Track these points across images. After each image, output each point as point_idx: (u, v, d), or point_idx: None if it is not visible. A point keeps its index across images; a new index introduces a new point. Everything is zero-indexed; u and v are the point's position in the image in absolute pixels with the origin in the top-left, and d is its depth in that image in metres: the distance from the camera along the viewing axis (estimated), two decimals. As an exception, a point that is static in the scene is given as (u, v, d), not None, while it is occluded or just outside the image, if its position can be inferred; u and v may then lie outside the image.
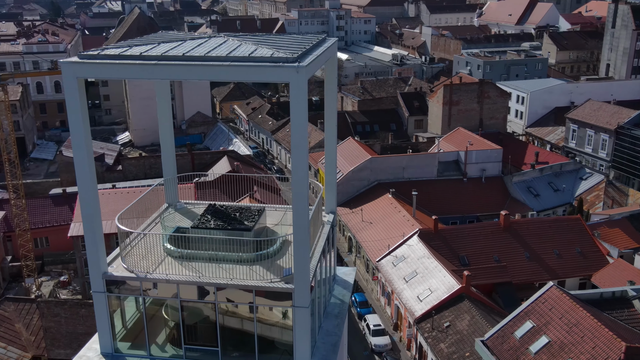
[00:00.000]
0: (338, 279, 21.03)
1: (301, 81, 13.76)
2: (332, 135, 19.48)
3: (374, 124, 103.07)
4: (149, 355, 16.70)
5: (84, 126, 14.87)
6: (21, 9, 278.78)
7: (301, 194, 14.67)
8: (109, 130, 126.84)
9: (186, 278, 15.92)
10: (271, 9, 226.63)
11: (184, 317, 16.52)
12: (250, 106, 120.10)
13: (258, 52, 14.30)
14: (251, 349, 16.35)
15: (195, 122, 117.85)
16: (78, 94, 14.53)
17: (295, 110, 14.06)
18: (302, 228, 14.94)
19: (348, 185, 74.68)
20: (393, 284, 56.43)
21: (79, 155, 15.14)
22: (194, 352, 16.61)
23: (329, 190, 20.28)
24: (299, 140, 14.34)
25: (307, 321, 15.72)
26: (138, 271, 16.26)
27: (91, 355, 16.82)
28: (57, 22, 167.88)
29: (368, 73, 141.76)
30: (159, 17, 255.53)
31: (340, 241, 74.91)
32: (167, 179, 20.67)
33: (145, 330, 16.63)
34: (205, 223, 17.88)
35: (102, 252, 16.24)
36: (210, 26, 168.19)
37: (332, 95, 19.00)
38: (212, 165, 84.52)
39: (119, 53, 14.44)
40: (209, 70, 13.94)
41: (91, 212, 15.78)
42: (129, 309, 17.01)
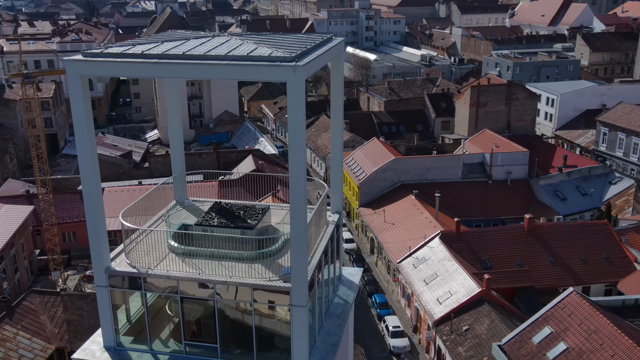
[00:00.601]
0: (344, 279, 21.00)
1: (298, 80, 13.79)
2: (339, 135, 19.48)
3: (400, 124, 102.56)
4: (150, 350, 16.92)
5: (87, 123, 15.15)
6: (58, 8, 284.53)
7: (298, 193, 14.71)
8: (139, 128, 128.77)
9: (186, 274, 16.09)
10: (301, 9, 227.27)
11: (184, 313, 16.70)
12: (278, 105, 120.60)
13: (257, 52, 14.38)
14: (251, 346, 16.45)
15: (223, 120, 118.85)
16: (82, 91, 14.80)
17: (292, 109, 14.11)
18: (299, 227, 14.98)
19: (371, 185, 74.48)
20: (413, 286, 56.10)
21: (82, 152, 15.43)
22: (194, 348, 16.78)
23: (335, 190, 20.27)
24: (296, 139, 14.39)
25: (305, 320, 15.74)
26: (140, 267, 16.48)
27: (94, 349, 17.12)
28: (91, 21, 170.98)
29: (396, 74, 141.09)
30: (190, 16, 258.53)
31: (362, 242, 74.77)
32: (176, 176, 20.90)
33: (147, 325, 16.86)
34: (208, 220, 18.04)
35: (105, 247, 16.53)
36: (240, 26, 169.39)
37: (338, 95, 19.01)
38: (238, 164, 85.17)
39: (121, 51, 14.69)
40: (207, 68, 14.08)
41: (94, 207, 16.07)
42: (133, 304, 17.24)
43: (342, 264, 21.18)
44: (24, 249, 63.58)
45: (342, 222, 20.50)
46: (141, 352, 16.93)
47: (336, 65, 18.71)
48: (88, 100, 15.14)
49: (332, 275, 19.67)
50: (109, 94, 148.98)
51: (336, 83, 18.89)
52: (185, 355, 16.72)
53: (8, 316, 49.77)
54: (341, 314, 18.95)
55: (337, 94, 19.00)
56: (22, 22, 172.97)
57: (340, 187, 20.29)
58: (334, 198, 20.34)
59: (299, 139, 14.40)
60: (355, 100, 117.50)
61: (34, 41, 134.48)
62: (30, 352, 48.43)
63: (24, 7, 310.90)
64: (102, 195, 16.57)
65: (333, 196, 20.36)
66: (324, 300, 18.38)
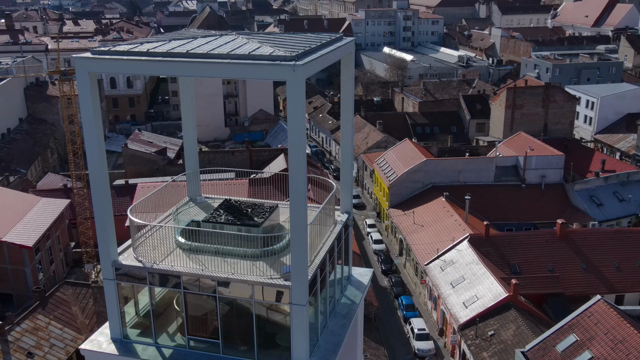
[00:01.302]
0: (353, 279, 20.95)
1: (298, 79, 13.83)
2: (349, 134, 19.45)
3: (434, 126, 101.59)
4: (155, 343, 17.21)
5: (95, 118, 15.50)
6: (103, 7, 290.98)
7: (298, 192, 14.75)
8: (175, 125, 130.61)
9: (189, 270, 16.31)
10: (340, 9, 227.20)
11: (188, 308, 16.93)
12: (312, 105, 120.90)
13: (259, 51, 14.48)
14: (252, 343, 16.57)
15: (258, 119, 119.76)
16: (89, 87, 15.16)
17: (292, 108, 14.17)
18: (299, 226, 15.03)
19: (402, 186, 74.01)
20: (439, 289, 55.55)
21: (91, 147, 15.79)
22: (198, 343, 16.99)
23: (345, 190, 20.24)
24: (296, 137, 14.44)
25: (305, 318, 15.77)
26: (146, 261, 16.78)
27: (102, 340, 17.51)
28: (133, 20, 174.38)
29: (432, 75, 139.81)
30: (230, 16, 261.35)
31: (392, 243, 74.38)
32: (189, 172, 21.17)
33: (152, 318, 17.15)
34: (216, 217, 18.24)
35: (112, 240, 16.88)
36: (277, 25, 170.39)
37: (348, 93, 19.00)
38: (270, 162, 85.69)
39: (127, 49, 15.00)
40: (209, 67, 14.27)
41: (101, 203, 16.42)
42: (141, 298, 17.54)
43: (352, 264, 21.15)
44: (59, 241, 65.29)
45: (351, 223, 20.45)
46: (146, 345, 17.24)
47: (346, 64, 18.72)
48: (96, 96, 15.49)
49: (339, 275, 19.64)
50: (148, 91, 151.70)
51: (346, 82, 18.90)
52: (188, 349, 16.95)
53: (41, 306, 51.23)
54: (347, 314, 18.91)
55: (347, 93, 19.00)
56: (67, 21, 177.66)
57: (350, 187, 20.25)
58: (343, 198, 20.31)
59: (299, 138, 14.45)
60: (390, 101, 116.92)
61: (77, 39, 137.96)
62: (61, 341, 49.74)
63: (70, 6, 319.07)
64: (109, 190, 16.92)
65: (343, 196, 20.33)
66: (328, 299, 18.38)
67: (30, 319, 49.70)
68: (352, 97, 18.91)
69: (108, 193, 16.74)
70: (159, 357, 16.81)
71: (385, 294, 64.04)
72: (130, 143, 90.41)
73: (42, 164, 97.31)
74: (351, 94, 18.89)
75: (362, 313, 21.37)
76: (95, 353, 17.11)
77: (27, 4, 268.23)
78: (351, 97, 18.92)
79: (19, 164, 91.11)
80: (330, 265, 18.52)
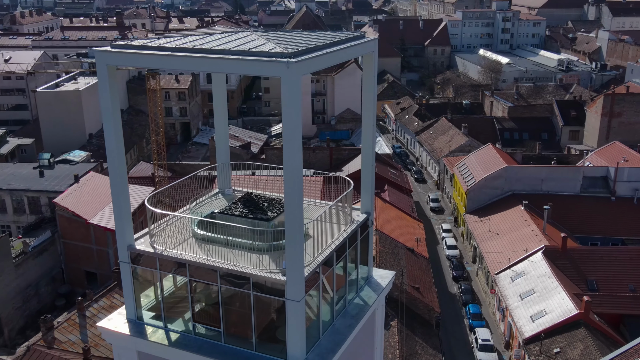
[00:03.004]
0: (373, 281, 20.74)
1: (292, 77, 13.90)
2: (370, 133, 19.28)
3: (524, 131, 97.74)
4: (164, 327, 17.92)
5: (112, 107, 16.34)
6: (210, 6, 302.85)
7: (294, 187, 14.86)
8: (265, 121, 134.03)
9: (194, 259, 16.83)
10: (439, 10, 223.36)
11: (194, 296, 17.49)
12: (400, 106, 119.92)
13: (261, 47, 14.71)
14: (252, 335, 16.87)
15: (344, 118, 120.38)
16: (107, 79, 16.03)
17: (286, 106, 14.27)
18: (294, 223, 15.12)
19: (480, 192, 71.92)
20: (507, 300, 53.54)
21: (108, 135, 16.68)
22: (203, 330, 17.51)
23: (365, 190, 20.05)
24: (291, 135, 14.54)
25: (301, 315, 15.83)
26: (159, 248, 17.49)
27: (119, 319, 18.46)
28: (233, 18, 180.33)
29: (528, 79, 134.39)
30: (329, 15, 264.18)
31: (466, 249, 72.49)
32: (220, 165, 21.78)
33: (162, 303, 17.85)
34: (231, 210, 18.68)
35: (128, 225, 17.74)
36: (371, 25, 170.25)
37: (370, 93, 18.83)
38: (349, 161, 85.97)
39: (142, 44, 15.74)
40: (208, 62, 14.73)
41: (119, 189, 17.29)
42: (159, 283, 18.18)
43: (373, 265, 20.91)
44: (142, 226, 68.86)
45: (372, 224, 20.23)
46: (157, 328, 17.96)
47: (367, 63, 18.56)
48: (115, 87, 16.37)
49: (352, 275, 19.54)
50: (242, 87, 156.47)
51: (367, 80, 18.74)
52: (194, 335, 17.50)
53: (119, 286, 54.37)
54: (356, 315, 18.75)
55: (369, 92, 18.84)
56: (173, 19, 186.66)
57: (370, 187, 20.01)
58: (364, 198, 20.14)
59: (294, 134, 14.55)
60: (479, 105, 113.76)
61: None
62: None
63: (180, 4, 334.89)
64: (126, 177, 17.79)
65: (363, 196, 20.16)
66: (336, 298, 18.31)
67: (107, 297, 52.78)
68: (373, 96, 18.72)
69: (125, 180, 17.60)
70: (165, 340, 17.48)
71: (453, 301, 62.55)
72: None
73: (137, 153, 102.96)
74: (372, 93, 18.71)
75: (381, 315, 21.07)
76: (109, 330, 18.09)
77: (140, 2, 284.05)
78: (372, 96, 18.73)
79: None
80: (342, 263, 18.45)
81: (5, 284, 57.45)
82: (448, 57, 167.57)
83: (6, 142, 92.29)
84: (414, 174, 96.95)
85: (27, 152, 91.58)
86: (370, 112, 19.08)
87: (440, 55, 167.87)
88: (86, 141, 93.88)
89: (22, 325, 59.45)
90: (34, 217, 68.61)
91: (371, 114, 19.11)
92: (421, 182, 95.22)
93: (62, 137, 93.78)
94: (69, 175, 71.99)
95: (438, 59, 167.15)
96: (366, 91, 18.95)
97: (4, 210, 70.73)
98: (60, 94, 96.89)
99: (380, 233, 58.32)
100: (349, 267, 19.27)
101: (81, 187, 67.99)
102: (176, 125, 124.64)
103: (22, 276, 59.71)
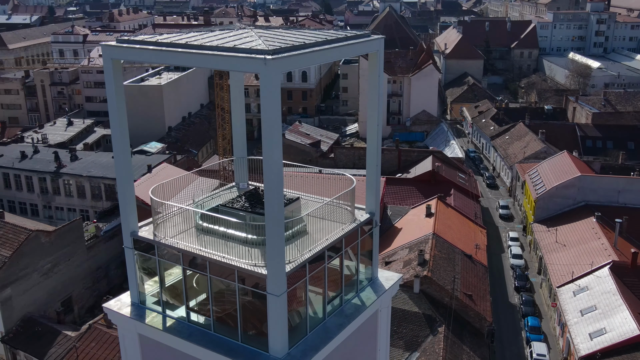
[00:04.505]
0: (378, 282, 20.54)
1: (270, 73, 14.05)
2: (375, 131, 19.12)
3: (608, 140, 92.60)
4: (162, 312, 18.62)
5: (117, 101, 17.15)
6: (299, 5, 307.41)
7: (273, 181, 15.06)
8: (341, 120, 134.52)
9: (188, 248, 17.38)
10: (531, 11, 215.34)
11: (188, 284, 18.04)
12: (478, 109, 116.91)
13: (246, 44, 14.98)
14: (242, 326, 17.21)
15: (419, 120, 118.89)
16: (112, 73, 16.85)
17: (264, 102, 14.45)
18: (274, 217, 15.30)
19: (550, 201, 69.02)
20: (567, 315, 51.15)
21: (114, 126, 17.53)
22: (195, 318, 18.05)
23: (370, 191, 19.87)
24: (269, 130, 14.71)
25: (281, 309, 15.96)
26: (160, 236, 18.18)
27: (124, 301, 19.37)
28: (317, 18, 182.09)
29: (620, 84, 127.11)
30: (417, 16, 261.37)
31: (532, 260, 69.77)
32: (237, 159, 22.28)
33: (160, 290, 18.52)
34: (233, 203, 19.11)
35: (132, 213, 18.54)
36: (456, 26, 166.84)
37: (374, 92, 18.67)
38: (417, 163, 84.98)
39: (142, 39, 16.42)
40: (193, 57, 15.17)
41: (124, 179, 18.14)
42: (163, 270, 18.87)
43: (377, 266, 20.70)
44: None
45: (376, 224, 20.04)
46: (156, 313, 18.69)
47: (372, 62, 18.40)
48: (120, 80, 17.17)
49: (352, 275, 19.45)
50: (322, 86, 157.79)
51: (372, 81, 18.58)
52: (187, 322, 18.07)
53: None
54: (350, 315, 18.63)
55: (373, 91, 18.68)
56: (259, 17, 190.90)
57: (375, 187, 19.79)
58: (368, 198, 19.97)
59: (274, 131, 14.71)
60: (562, 110, 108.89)
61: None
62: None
63: (271, 4, 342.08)
64: (131, 167, 18.60)
65: (367, 197, 19.98)
66: (328, 296, 18.28)
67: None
68: (377, 96, 18.54)
69: (130, 170, 18.43)
70: (160, 325, 18.15)
71: (513, 312, 60.45)
72: (288, 133, 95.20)
73: (213, 147, 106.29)
74: (376, 93, 18.54)
75: (386, 317, 20.78)
76: (112, 311, 19.02)
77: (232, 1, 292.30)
78: (376, 96, 18.56)
79: (192, 145, 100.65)
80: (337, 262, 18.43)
81: (77, 265, 61.11)
82: (535, 60, 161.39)
83: (93, 132, 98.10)
84: (486, 179, 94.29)
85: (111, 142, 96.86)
86: (375, 112, 18.92)
87: (527, 58, 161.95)
88: (165, 134, 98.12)
89: (92, 305, 63.03)
90: (109, 203, 72.51)
91: (376, 113, 18.94)
92: (493, 188, 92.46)
93: (144, 128, 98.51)
94: (143, 165, 75.54)
95: (524, 62, 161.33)
96: (372, 90, 18.82)
97: (83, 195, 75.26)
98: (143, 88, 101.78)
99: (437, 237, 57.29)
100: (348, 266, 19.23)
101: (152, 177, 71.15)
102: (253, 122, 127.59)
103: (93, 258, 63.29)
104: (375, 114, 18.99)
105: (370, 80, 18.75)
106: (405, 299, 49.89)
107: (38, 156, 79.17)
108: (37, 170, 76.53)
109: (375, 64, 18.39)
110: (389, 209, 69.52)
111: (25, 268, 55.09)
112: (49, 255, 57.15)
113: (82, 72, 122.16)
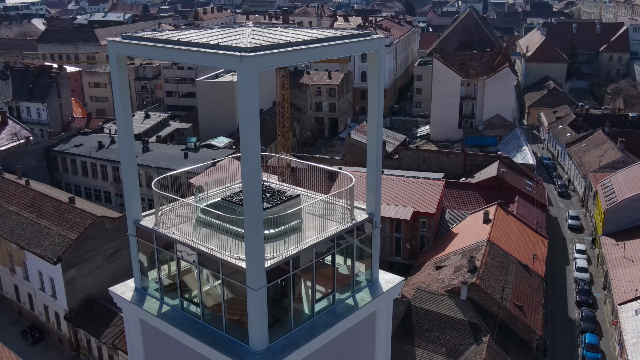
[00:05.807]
0: (377, 284, 20.36)
1: (246, 71, 14.26)
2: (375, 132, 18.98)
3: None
4: (160, 299, 19.32)
5: (121, 95, 17.93)
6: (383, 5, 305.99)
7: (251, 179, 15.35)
8: (413, 122, 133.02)
9: (180, 239, 17.95)
10: (627, 13, 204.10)
11: (181, 273, 18.63)
12: (556, 115, 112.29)
13: (230, 41, 15.27)
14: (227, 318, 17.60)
15: (493, 124, 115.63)
16: (117, 68, 17.64)
17: (241, 99, 14.64)
18: (252, 212, 15.56)
19: (621, 214, 65.42)
20: (626, 334, 48.41)
21: (120, 118, 18.31)
22: (188, 306, 18.62)
23: (370, 191, 19.73)
24: (247, 127, 14.97)
25: (260, 303, 16.15)
26: (159, 226, 18.88)
27: (129, 285, 20.27)
28: (397, 18, 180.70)
29: None
30: (502, 17, 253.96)
31: (598, 274, 66.37)
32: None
33: (159, 277, 19.20)
34: (232, 197, 19.54)
35: (136, 201, 19.34)
36: (540, 29, 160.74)
37: (373, 92, 18.53)
38: (483, 168, 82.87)
39: (142, 35, 17.10)
40: (179, 53, 15.64)
41: (128, 169, 18.92)
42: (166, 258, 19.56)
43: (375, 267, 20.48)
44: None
45: (377, 225, 19.84)
46: (154, 300, 19.42)
47: (372, 62, 18.24)
48: (124, 76, 17.97)
49: (348, 275, 19.40)
50: (396, 87, 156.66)
51: (372, 79, 18.44)
52: (180, 310, 18.67)
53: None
54: (340, 315, 18.55)
55: (373, 91, 18.54)
56: (339, 17, 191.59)
57: (376, 188, 19.59)
58: (368, 198, 19.82)
59: (251, 128, 14.96)
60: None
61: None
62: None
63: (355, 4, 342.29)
64: (135, 158, 19.37)
65: (368, 197, 19.83)
66: (315, 293, 18.30)
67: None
68: (379, 95, 18.39)
69: (134, 161, 19.21)
70: (155, 311, 18.82)
71: (571, 328, 57.82)
72: (354, 133, 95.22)
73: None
74: (375, 93, 18.37)
75: (385, 320, 20.52)
76: (116, 295, 19.92)
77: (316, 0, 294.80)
78: (376, 96, 18.38)
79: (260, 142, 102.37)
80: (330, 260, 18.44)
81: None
82: (625, 65, 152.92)
83: (168, 125, 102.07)
84: (558, 188, 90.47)
85: (184, 136, 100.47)
86: (376, 112, 18.77)
87: (616, 63, 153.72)
88: (235, 129, 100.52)
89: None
90: (175, 194, 75.19)
91: (376, 114, 18.79)
92: (565, 197, 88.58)
93: (215, 123, 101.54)
94: (209, 159, 77.79)
95: (613, 67, 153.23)
96: (371, 89, 18.71)
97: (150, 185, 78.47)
98: (217, 84, 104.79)
99: (492, 244, 55.70)
100: (346, 266, 19.25)
101: (216, 171, 73.14)
102: (324, 120, 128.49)
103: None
104: (375, 114, 18.84)
105: (370, 80, 18.63)
106: (451, 306, 48.90)
107: (114, 146, 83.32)
108: (111, 160, 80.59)
109: (375, 64, 18.25)
110: (447, 213, 68.21)
111: (89, 251, 58.27)
112: (113, 240, 60.07)
113: (164, 68, 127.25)
